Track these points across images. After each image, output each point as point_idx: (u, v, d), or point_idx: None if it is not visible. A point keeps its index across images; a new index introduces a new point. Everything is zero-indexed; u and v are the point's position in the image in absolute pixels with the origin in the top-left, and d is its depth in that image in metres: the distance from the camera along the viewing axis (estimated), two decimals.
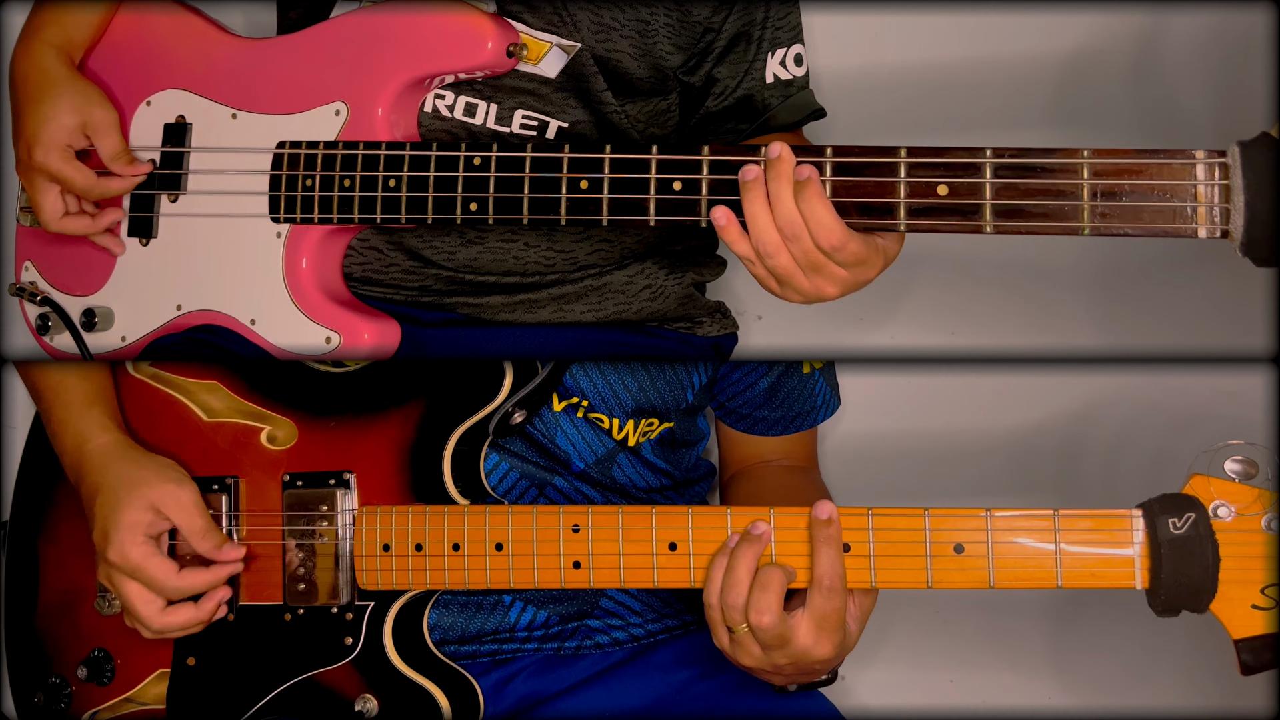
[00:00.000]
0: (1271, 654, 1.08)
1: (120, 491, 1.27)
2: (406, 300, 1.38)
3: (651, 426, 1.40)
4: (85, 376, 1.36)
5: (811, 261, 1.15)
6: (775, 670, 1.18)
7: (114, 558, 1.25)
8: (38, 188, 1.36)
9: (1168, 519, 1.08)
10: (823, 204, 1.13)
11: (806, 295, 1.18)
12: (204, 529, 1.27)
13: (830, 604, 1.13)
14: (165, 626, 1.26)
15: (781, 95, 1.42)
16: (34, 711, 1.36)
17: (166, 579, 1.25)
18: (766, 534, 1.15)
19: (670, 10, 1.37)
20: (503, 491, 1.33)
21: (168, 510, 1.26)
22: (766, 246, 1.15)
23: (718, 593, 1.15)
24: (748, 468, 1.56)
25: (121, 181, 1.36)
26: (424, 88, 1.34)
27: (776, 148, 1.15)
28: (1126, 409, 1.70)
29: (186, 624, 1.26)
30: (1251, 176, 1.05)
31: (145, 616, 1.25)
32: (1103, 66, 1.65)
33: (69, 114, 1.35)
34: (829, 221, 1.14)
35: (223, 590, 1.27)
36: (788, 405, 1.52)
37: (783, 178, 1.14)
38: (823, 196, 1.14)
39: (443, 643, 1.30)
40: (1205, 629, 1.11)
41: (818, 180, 1.14)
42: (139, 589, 1.25)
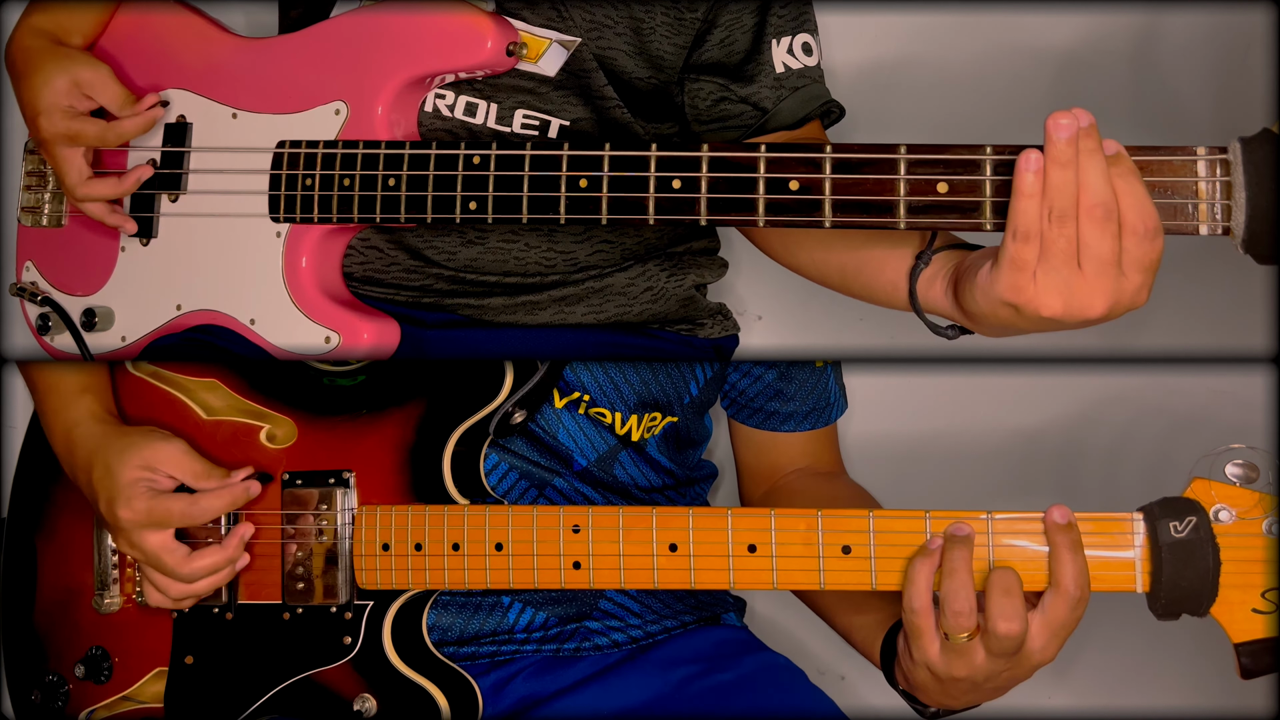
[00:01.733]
0: (1271, 658, 1.08)
1: (110, 460, 1.27)
2: (408, 301, 1.38)
3: (655, 421, 1.40)
4: (79, 370, 1.37)
5: (1102, 257, 1.03)
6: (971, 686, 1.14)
7: (125, 516, 1.25)
8: (57, 156, 1.36)
9: (1168, 522, 1.08)
10: (1140, 184, 1.03)
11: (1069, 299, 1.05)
12: (203, 471, 1.28)
13: (1074, 612, 1.10)
14: (194, 571, 1.26)
15: (790, 87, 1.39)
16: (31, 709, 1.36)
17: (184, 510, 1.25)
18: (973, 534, 1.11)
19: (666, 8, 1.36)
20: (502, 492, 1.33)
21: (162, 465, 1.27)
22: (1062, 210, 1.03)
23: (927, 598, 1.11)
24: (778, 483, 1.54)
25: (134, 120, 1.37)
26: (424, 87, 1.34)
27: (1085, 116, 1.03)
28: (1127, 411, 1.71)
29: (214, 565, 1.26)
30: (1253, 173, 1.04)
31: (172, 564, 1.25)
32: (1103, 63, 1.65)
33: (58, 77, 1.35)
34: (1148, 204, 1.04)
35: (244, 526, 1.28)
36: (800, 397, 1.51)
37: (1094, 153, 1.03)
38: (1138, 174, 1.04)
39: (441, 643, 1.30)
40: (1205, 630, 1.11)
41: (1129, 156, 1.04)
42: (160, 537, 1.25)
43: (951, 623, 1.10)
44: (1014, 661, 1.11)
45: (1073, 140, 1.03)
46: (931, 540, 1.12)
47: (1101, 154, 1.03)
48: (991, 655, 1.10)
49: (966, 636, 1.10)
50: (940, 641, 1.12)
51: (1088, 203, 1.03)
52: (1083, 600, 1.10)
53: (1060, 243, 1.03)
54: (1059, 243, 1.03)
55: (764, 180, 1.16)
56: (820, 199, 1.15)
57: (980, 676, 1.12)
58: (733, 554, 1.17)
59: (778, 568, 1.16)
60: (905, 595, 1.12)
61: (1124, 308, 1.06)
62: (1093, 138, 1.03)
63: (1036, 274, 1.05)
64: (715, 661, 1.36)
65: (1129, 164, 1.04)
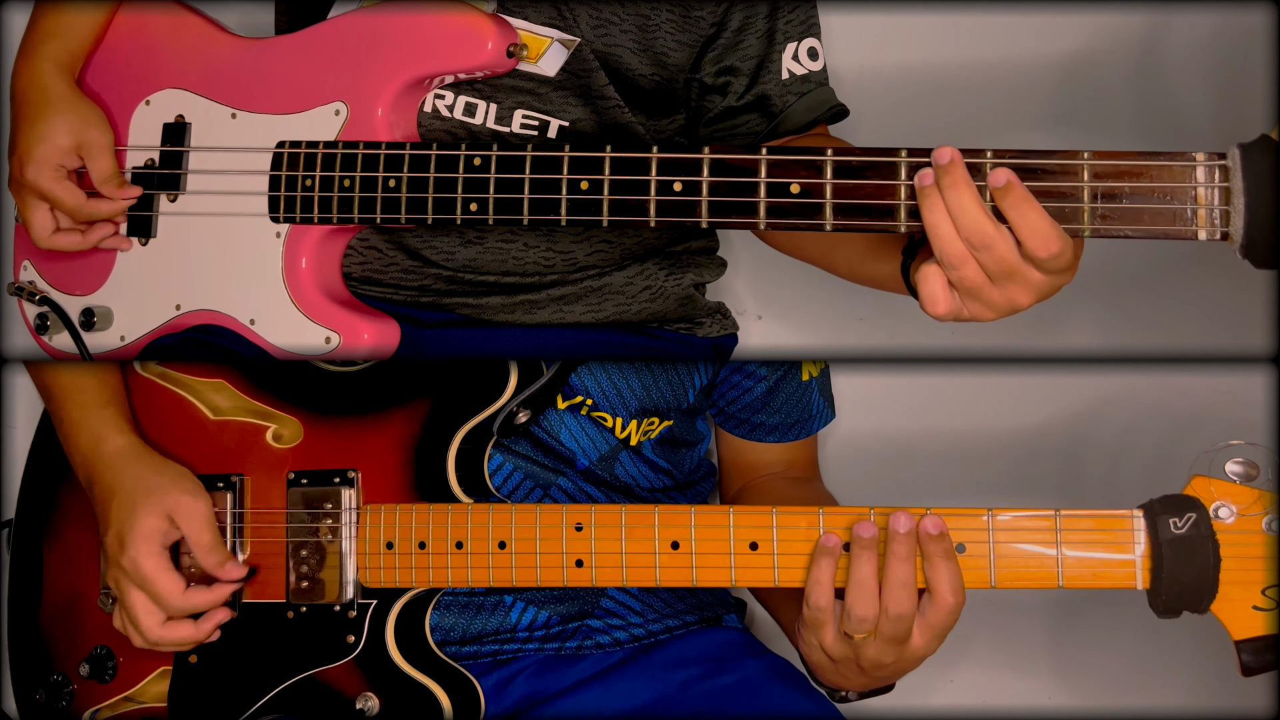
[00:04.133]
0: (1272, 655, 1.08)
1: (137, 497, 1.27)
2: (406, 300, 1.38)
3: (653, 426, 1.40)
4: (99, 376, 1.36)
5: (1005, 269, 1.08)
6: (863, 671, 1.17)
7: (126, 564, 1.25)
8: (28, 205, 1.37)
9: (1169, 519, 1.08)
10: (1034, 208, 1.06)
11: (997, 308, 1.10)
12: (211, 544, 1.27)
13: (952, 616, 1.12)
14: (161, 640, 1.26)
15: (798, 92, 1.41)
16: (35, 709, 1.36)
17: (173, 596, 1.25)
18: (876, 535, 1.12)
19: (673, 6, 1.36)
20: (506, 491, 1.33)
21: (180, 520, 1.27)
22: (951, 258, 1.07)
23: (830, 596, 1.13)
24: (752, 482, 1.56)
25: (110, 204, 1.37)
26: (424, 88, 1.34)
27: (946, 153, 1.08)
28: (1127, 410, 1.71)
29: (182, 641, 1.27)
30: (1252, 179, 1.05)
31: (144, 627, 1.26)
32: (1103, 68, 1.65)
33: (64, 135, 1.35)
34: (1044, 228, 1.06)
35: (222, 612, 1.28)
36: (785, 411, 1.51)
37: (960, 184, 1.07)
38: (1031, 199, 1.06)
39: (444, 643, 1.30)
40: (1206, 628, 1.11)
41: (1018, 182, 1.07)
42: (144, 600, 1.25)
43: (854, 626, 1.12)
44: (898, 652, 1.14)
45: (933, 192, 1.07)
46: (827, 537, 1.13)
47: (964, 185, 1.07)
48: (882, 640, 1.13)
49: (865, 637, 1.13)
50: (836, 631, 1.14)
51: (969, 238, 1.07)
52: (959, 605, 1.12)
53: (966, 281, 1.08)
54: (964, 281, 1.08)
55: (765, 183, 1.17)
56: (821, 202, 1.15)
57: (867, 663, 1.15)
58: (735, 552, 1.17)
59: (779, 565, 1.16)
60: (809, 594, 1.14)
61: (1050, 292, 1.10)
62: (951, 174, 1.07)
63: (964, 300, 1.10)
64: (717, 663, 1.36)
65: (1020, 192, 1.06)
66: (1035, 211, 1.06)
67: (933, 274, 1.10)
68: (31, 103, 1.36)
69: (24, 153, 1.35)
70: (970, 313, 1.11)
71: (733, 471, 1.59)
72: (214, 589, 1.27)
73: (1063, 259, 1.07)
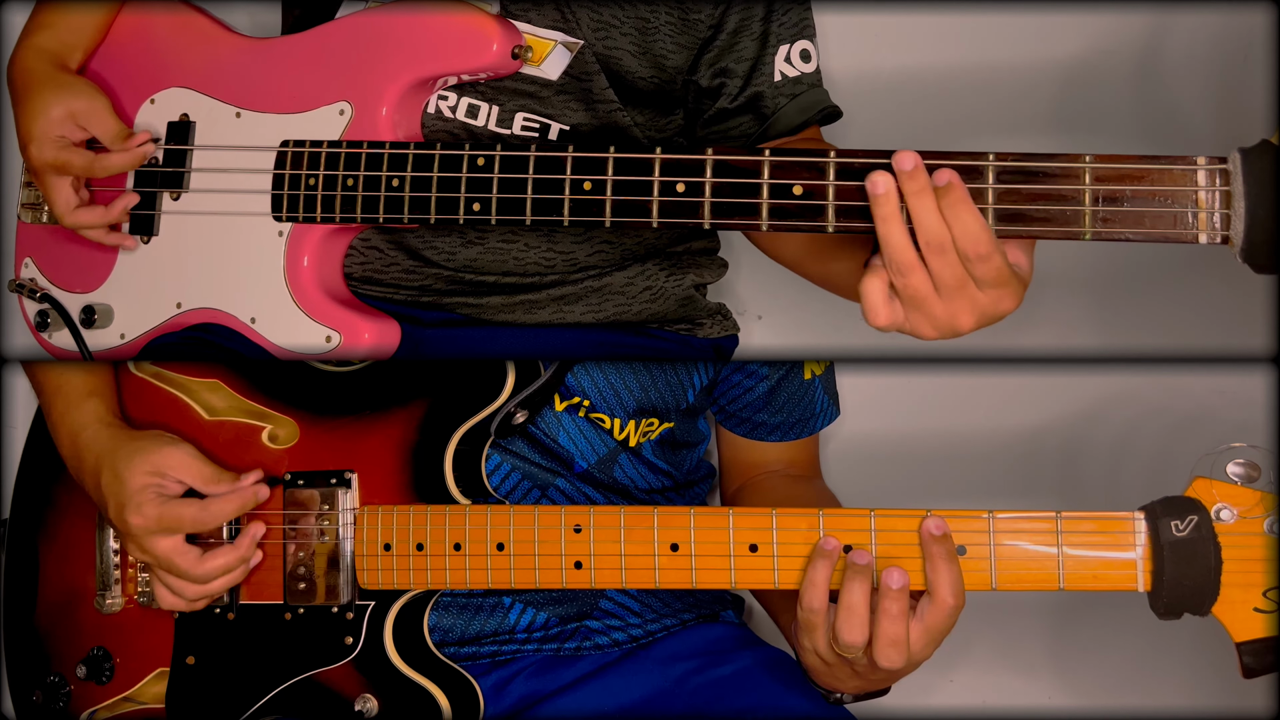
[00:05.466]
0: (1273, 657, 1.08)
1: (119, 466, 1.27)
2: (406, 300, 1.38)
3: (652, 427, 1.40)
4: (85, 372, 1.36)
5: (953, 281, 1.08)
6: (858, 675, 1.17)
7: (135, 523, 1.24)
8: (47, 184, 1.37)
9: (1170, 521, 1.08)
10: (969, 209, 1.08)
11: (939, 324, 1.10)
12: (212, 475, 1.27)
13: (951, 619, 1.12)
14: (208, 572, 1.25)
15: (789, 94, 1.41)
16: (32, 710, 1.36)
17: (195, 515, 1.25)
18: (872, 563, 1.12)
19: (672, 9, 1.36)
20: (504, 492, 1.33)
21: (171, 470, 1.26)
22: (901, 265, 1.08)
23: (824, 599, 1.13)
24: (752, 480, 1.56)
25: (121, 155, 1.37)
26: (428, 89, 1.34)
27: (908, 159, 1.08)
28: (1129, 410, 1.71)
29: (227, 565, 1.26)
30: (1252, 183, 1.05)
31: (185, 567, 1.25)
32: (1105, 72, 1.65)
33: (54, 107, 1.35)
34: (976, 228, 1.08)
35: (255, 526, 1.27)
36: (787, 410, 1.51)
37: (922, 193, 1.07)
38: (969, 201, 1.08)
39: (442, 644, 1.30)
40: (1205, 629, 1.11)
41: (961, 184, 1.08)
42: (172, 542, 1.25)
43: (842, 648, 1.13)
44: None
45: (890, 195, 1.08)
46: (826, 540, 1.13)
47: (928, 193, 1.07)
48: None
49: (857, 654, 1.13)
50: (829, 639, 1.14)
51: (923, 240, 1.08)
52: (958, 608, 1.12)
53: (910, 289, 1.09)
54: (909, 289, 1.09)
55: (768, 185, 1.16)
56: (824, 204, 1.15)
57: (861, 670, 1.15)
58: (734, 554, 1.16)
59: (779, 567, 1.16)
60: (804, 595, 1.14)
61: (992, 317, 1.11)
62: (916, 180, 1.07)
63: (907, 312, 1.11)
64: (714, 656, 1.37)
65: (959, 193, 1.07)
66: (971, 213, 1.07)
67: (875, 285, 1.11)
68: (20, 88, 1.37)
69: (25, 135, 1.36)
70: (911, 325, 1.11)
71: (733, 470, 1.59)
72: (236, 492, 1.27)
73: (991, 265, 1.08)
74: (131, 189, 1.39)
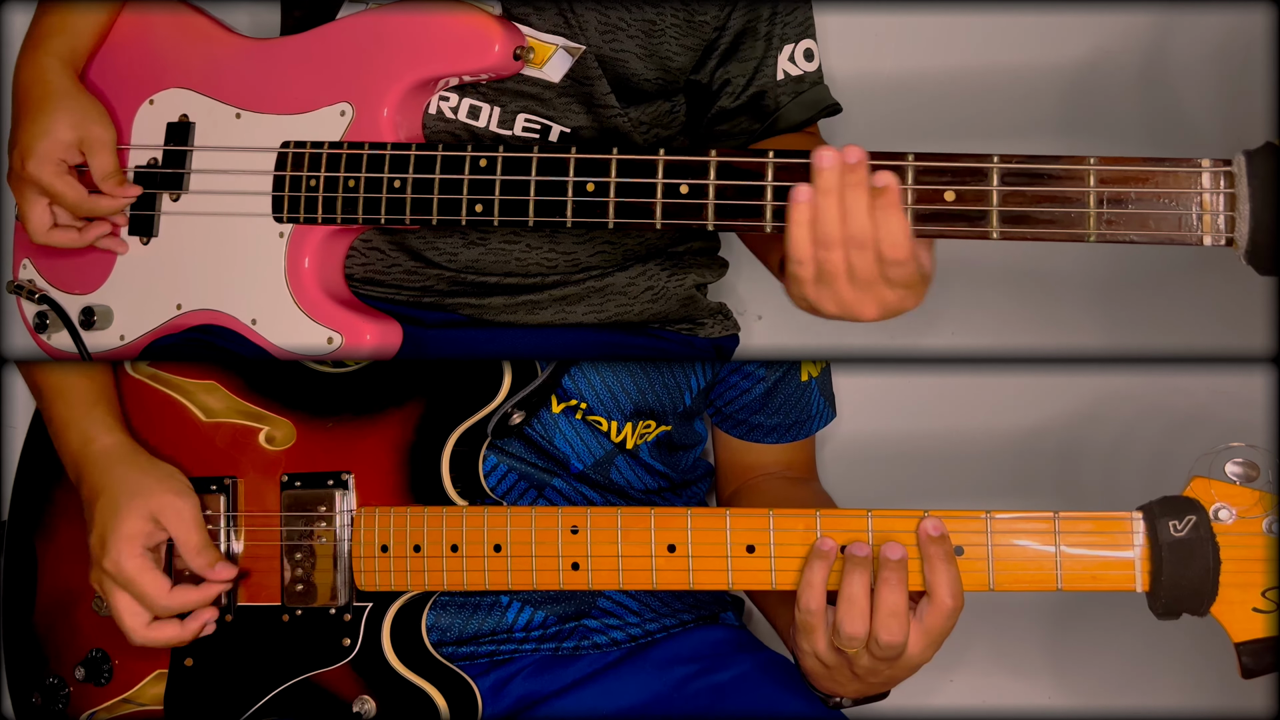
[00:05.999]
0: (1272, 657, 1.08)
1: (121, 499, 1.26)
2: (408, 301, 1.38)
3: (649, 429, 1.40)
4: (89, 375, 1.36)
5: (866, 276, 1.13)
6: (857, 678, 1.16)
7: (109, 566, 1.25)
8: (27, 199, 1.36)
9: (1168, 521, 1.08)
10: (897, 214, 1.11)
11: (843, 306, 1.15)
12: (199, 545, 1.26)
13: (950, 620, 1.12)
14: (148, 641, 1.26)
15: (792, 92, 1.42)
16: (32, 712, 1.36)
17: (158, 596, 1.25)
18: (870, 556, 1.12)
19: (677, 10, 1.37)
20: (501, 493, 1.33)
21: (166, 522, 1.26)
22: (823, 238, 1.12)
23: (823, 600, 1.12)
24: (748, 482, 1.55)
25: (110, 201, 1.37)
26: (430, 90, 1.34)
27: (855, 153, 1.12)
28: (1127, 410, 1.71)
29: (169, 641, 1.26)
30: (1257, 185, 1.05)
31: (129, 628, 1.26)
32: (1110, 74, 1.65)
33: (66, 129, 1.35)
34: (899, 234, 1.11)
35: (209, 611, 1.27)
36: (784, 412, 1.51)
37: (858, 186, 1.11)
38: (899, 207, 1.11)
39: (440, 644, 1.30)
40: (1204, 629, 1.11)
41: (896, 189, 1.11)
42: (128, 600, 1.25)
43: (844, 642, 1.12)
44: (893, 663, 1.13)
45: (835, 171, 1.11)
46: (823, 541, 1.13)
47: (865, 188, 1.11)
48: (874, 657, 1.13)
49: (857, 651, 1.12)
50: (828, 639, 1.14)
51: (847, 231, 1.11)
52: (957, 609, 1.11)
53: (828, 265, 1.13)
54: (827, 264, 1.13)
55: (771, 186, 1.17)
56: None
57: (861, 670, 1.15)
58: (731, 554, 1.16)
59: (776, 568, 1.15)
60: (801, 596, 1.13)
61: (894, 312, 1.16)
62: (857, 173, 1.11)
63: (816, 286, 1.14)
64: (713, 660, 1.36)
65: (891, 197, 1.11)
66: (898, 219, 1.11)
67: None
68: (35, 97, 1.36)
69: (25, 147, 1.35)
70: (816, 297, 1.15)
71: (729, 472, 1.58)
72: (201, 588, 1.27)
73: (905, 270, 1.12)
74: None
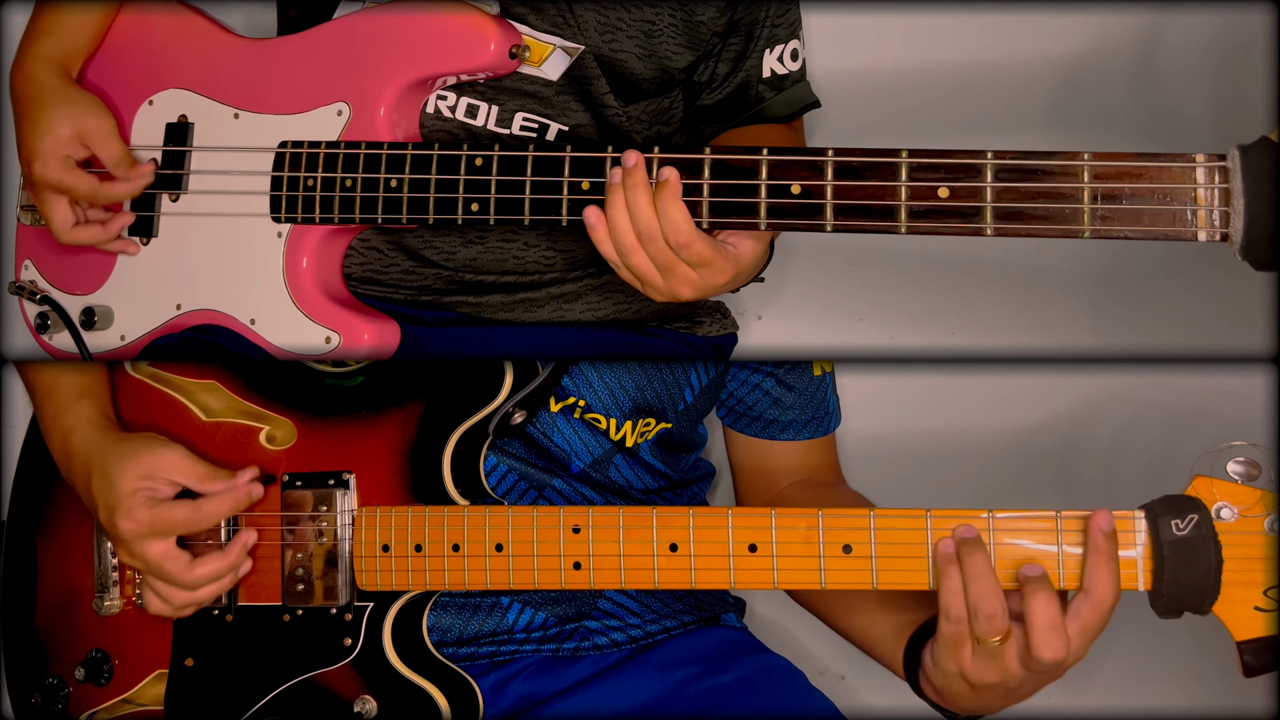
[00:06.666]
0: (1274, 656, 1.07)
1: (109, 469, 1.26)
2: (406, 300, 1.38)
3: (649, 427, 1.40)
4: (77, 372, 1.36)
5: (665, 262, 1.19)
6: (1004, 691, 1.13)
7: (126, 525, 1.24)
8: (46, 201, 1.36)
9: (1170, 520, 1.08)
10: (676, 204, 1.17)
11: (663, 294, 1.22)
12: (206, 474, 1.27)
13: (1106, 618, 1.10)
14: (197, 579, 1.25)
15: (774, 89, 1.44)
16: (31, 712, 1.36)
17: (188, 516, 1.24)
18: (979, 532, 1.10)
19: (675, 10, 1.37)
20: (500, 492, 1.33)
21: (163, 472, 1.26)
22: (623, 246, 1.19)
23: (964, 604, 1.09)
24: (778, 495, 1.53)
25: (125, 184, 1.36)
26: (426, 89, 1.34)
27: (632, 157, 1.18)
28: (1127, 409, 1.71)
29: (216, 571, 1.25)
30: (1251, 180, 1.05)
31: (174, 572, 1.24)
32: (1104, 70, 1.65)
33: (62, 125, 1.35)
34: (679, 220, 1.17)
35: (246, 533, 1.27)
36: (799, 406, 1.50)
37: (639, 187, 1.18)
38: (677, 198, 1.17)
39: (441, 644, 1.30)
40: (1205, 628, 1.11)
41: (677, 182, 1.18)
42: (162, 546, 1.24)
43: (984, 626, 1.08)
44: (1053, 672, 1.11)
45: (617, 187, 1.19)
46: (943, 544, 1.11)
47: (644, 188, 1.18)
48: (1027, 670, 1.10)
49: (999, 640, 1.09)
50: (971, 646, 1.10)
51: (639, 229, 1.19)
52: (1114, 605, 1.10)
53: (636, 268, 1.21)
54: (636, 268, 1.21)
55: (765, 184, 1.17)
56: (822, 203, 1.15)
57: (1013, 683, 1.12)
58: (733, 554, 1.16)
59: (778, 567, 1.15)
60: (944, 605, 1.10)
61: (708, 289, 1.22)
62: (635, 175, 1.18)
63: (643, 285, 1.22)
64: (715, 662, 1.36)
65: (670, 189, 1.17)
66: (676, 207, 1.17)
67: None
68: (28, 99, 1.36)
69: (29, 150, 1.35)
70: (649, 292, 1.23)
71: (752, 479, 1.56)
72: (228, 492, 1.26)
73: (693, 251, 1.18)
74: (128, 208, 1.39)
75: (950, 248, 1.49)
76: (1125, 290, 1.69)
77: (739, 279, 1.24)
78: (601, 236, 1.20)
